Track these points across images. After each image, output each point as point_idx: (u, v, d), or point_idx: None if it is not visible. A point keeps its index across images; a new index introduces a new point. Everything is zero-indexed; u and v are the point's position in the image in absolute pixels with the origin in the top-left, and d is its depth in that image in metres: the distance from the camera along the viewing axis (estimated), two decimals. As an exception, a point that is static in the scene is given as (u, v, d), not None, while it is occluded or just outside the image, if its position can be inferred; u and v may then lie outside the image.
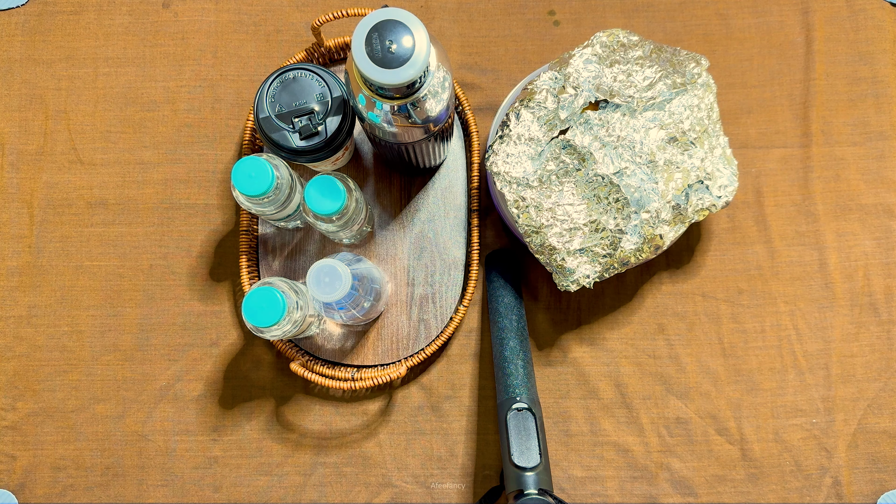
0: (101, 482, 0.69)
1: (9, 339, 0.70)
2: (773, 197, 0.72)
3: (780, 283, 0.71)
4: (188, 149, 0.73)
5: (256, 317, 0.56)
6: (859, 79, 0.73)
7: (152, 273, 0.71)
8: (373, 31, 0.48)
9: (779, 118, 0.73)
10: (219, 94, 0.73)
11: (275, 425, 0.69)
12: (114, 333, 0.70)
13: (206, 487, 0.69)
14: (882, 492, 0.68)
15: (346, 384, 0.65)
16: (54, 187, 0.72)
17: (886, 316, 0.70)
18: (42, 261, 0.71)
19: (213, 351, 0.70)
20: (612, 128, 0.62)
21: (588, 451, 0.69)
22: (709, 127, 0.63)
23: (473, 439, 0.69)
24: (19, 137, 0.73)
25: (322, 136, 0.60)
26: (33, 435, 0.69)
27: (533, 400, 0.61)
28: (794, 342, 0.70)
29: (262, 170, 0.57)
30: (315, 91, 0.60)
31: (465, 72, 0.74)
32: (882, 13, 0.73)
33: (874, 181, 0.71)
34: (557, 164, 0.63)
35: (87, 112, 0.73)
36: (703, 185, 0.63)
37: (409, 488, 0.68)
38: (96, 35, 0.74)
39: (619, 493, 0.68)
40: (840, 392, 0.69)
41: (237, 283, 0.71)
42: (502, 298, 0.66)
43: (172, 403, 0.70)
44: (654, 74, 0.63)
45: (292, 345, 0.69)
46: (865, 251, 0.71)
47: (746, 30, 0.74)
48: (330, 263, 0.56)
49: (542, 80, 0.64)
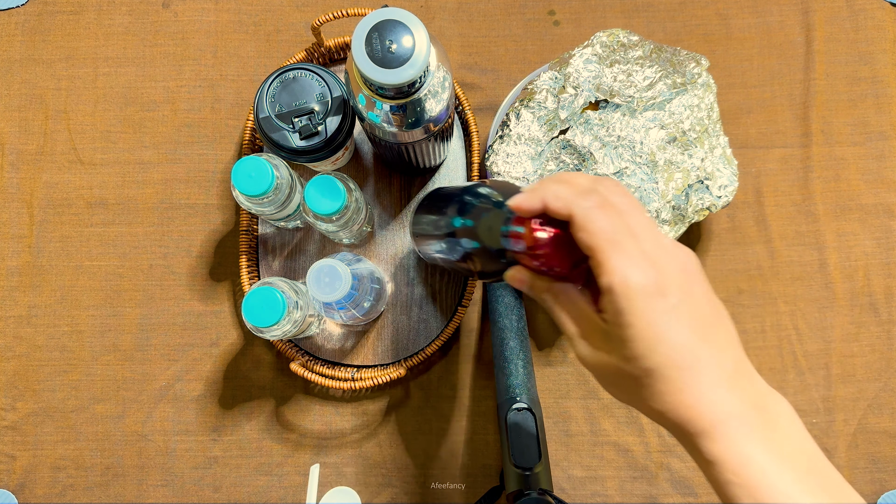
0: (101, 482, 0.69)
1: (9, 339, 0.70)
2: (774, 197, 0.72)
3: (780, 283, 0.71)
4: (188, 149, 0.73)
5: (256, 317, 0.56)
6: (859, 79, 0.73)
7: (152, 273, 0.71)
8: (373, 31, 0.48)
9: (779, 118, 0.73)
10: (219, 94, 0.73)
11: (275, 425, 0.69)
12: (114, 333, 0.70)
13: (206, 487, 0.69)
14: (882, 492, 0.68)
15: (346, 384, 0.65)
16: (54, 187, 0.72)
17: (886, 316, 0.70)
18: (42, 261, 0.71)
19: (213, 351, 0.70)
20: (613, 128, 0.62)
21: (588, 451, 0.69)
22: (709, 127, 0.63)
23: (473, 439, 0.69)
24: (19, 137, 0.73)
25: (322, 136, 0.60)
26: (33, 435, 0.69)
27: (533, 400, 0.61)
28: (795, 342, 0.70)
29: (262, 170, 0.57)
30: (315, 91, 0.60)
31: (465, 72, 0.73)
32: (882, 13, 0.73)
33: (874, 181, 0.71)
34: (557, 163, 0.63)
35: (86, 112, 0.73)
36: (703, 185, 0.63)
37: (409, 488, 0.68)
38: (96, 35, 0.74)
39: (619, 494, 0.68)
40: (840, 392, 0.69)
41: (237, 283, 0.71)
42: (502, 298, 0.66)
43: (172, 403, 0.70)
44: (655, 74, 0.63)
45: (292, 345, 0.69)
46: (865, 251, 0.71)
47: (746, 30, 0.74)
48: (330, 263, 0.56)
49: (542, 80, 0.64)
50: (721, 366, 0.36)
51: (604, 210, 0.36)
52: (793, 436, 0.36)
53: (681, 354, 0.35)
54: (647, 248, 0.35)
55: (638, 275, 0.34)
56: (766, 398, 0.37)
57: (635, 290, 0.34)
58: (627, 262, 0.35)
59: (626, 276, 0.34)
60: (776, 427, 0.36)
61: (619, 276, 0.34)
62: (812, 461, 0.36)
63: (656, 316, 0.34)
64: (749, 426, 0.35)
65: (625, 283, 0.34)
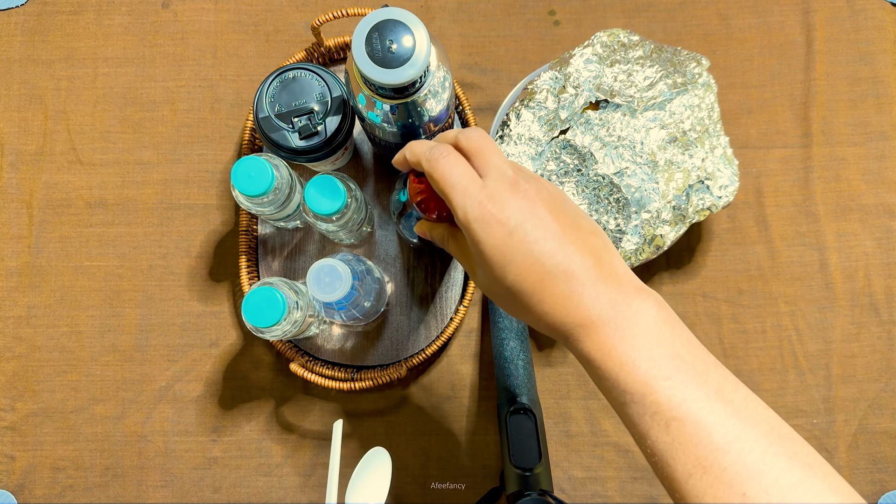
0: (101, 483, 0.69)
1: (8, 340, 0.70)
2: (774, 197, 0.72)
3: (780, 283, 0.71)
4: (188, 149, 0.73)
5: (256, 317, 0.56)
6: (860, 79, 0.73)
7: (152, 273, 0.71)
8: (373, 31, 0.48)
9: (779, 118, 0.73)
10: (218, 94, 0.73)
11: (274, 426, 0.69)
12: (113, 334, 0.70)
13: (206, 488, 0.69)
14: (883, 492, 0.68)
15: (346, 384, 0.65)
16: (53, 187, 0.72)
17: (887, 316, 0.70)
18: (41, 261, 0.71)
19: (213, 351, 0.70)
20: (613, 128, 0.62)
21: (588, 451, 0.69)
22: (709, 127, 0.63)
23: (473, 439, 0.69)
24: (18, 137, 0.73)
25: (321, 136, 0.60)
26: (32, 435, 0.69)
27: (533, 400, 0.61)
28: (795, 342, 0.70)
29: (262, 170, 0.56)
30: (315, 91, 0.60)
31: (465, 72, 0.73)
32: (883, 13, 0.73)
33: (875, 181, 0.71)
34: (558, 163, 0.63)
35: (86, 112, 0.73)
36: (703, 185, 0.63)
37: (409, 488, 0.68)
38: (96, 35, 0.74)
39: (619, 494, 0.68)
40: (841, 392, 0.69)
41: (237, 283, 0.71)
42: (502, 299, 0.66)
43: (172, 404, 0.69)
44: (655, 74, 0.62)
45: (292, 345, 0.68)
46: (866, 251, 0.71)
47: (747, 30, 0.74)
48: (330, 263, 0.56)
49: (542, 80, 0.64)
50: (581, 272, 0.39)
51: (447, 158, 0.41)
52: (652, 329, 0.38)
53: (532, 269, 0.39)
54: (489, 185, 0.40)
55: (475, 209, 0.39)
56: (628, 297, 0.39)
57: (475, 221, 0.39)
58: (466, 200, 0.40)
59: (465, 212, 0.39)
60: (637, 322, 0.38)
61: (461, 212, 0.40)
62: (671, 346, 0.38)
63: (498, 240, 0.39)
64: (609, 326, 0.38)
65: (466, 217, 0.39)
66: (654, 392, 0.37)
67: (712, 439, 0.36)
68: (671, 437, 0.36)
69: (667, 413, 0.36)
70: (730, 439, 0.36)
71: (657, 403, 0.37)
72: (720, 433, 0.36)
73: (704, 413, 0.36)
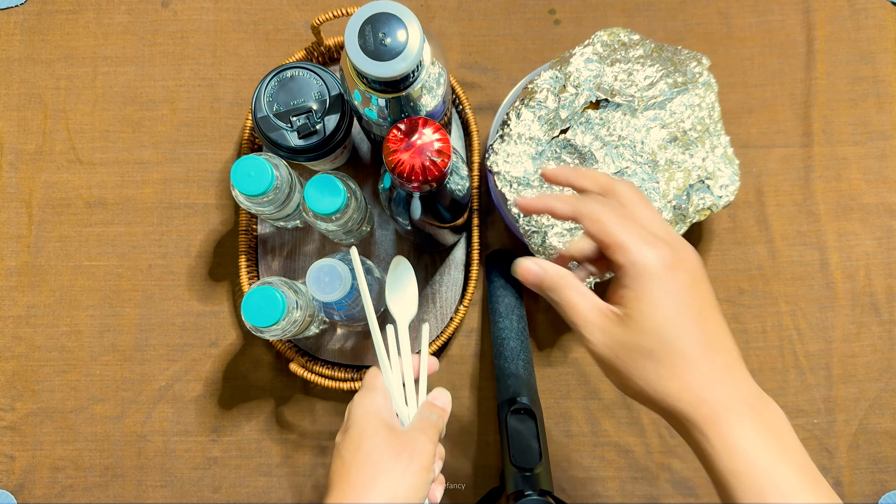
0: (100, 483, 0.69)
1: (7, 340, 0.70)
2: (775, 196, 0.71)
3: (781, 282, 0.70)
4: (187, 148, 0.72)
5: (256, 317, 0.56)
6: (860, 78, 0.73)
7: (151, 273, 0.71)
8: (366, 24, 0.48)
9: (780, 117, 0.72)
10: (218, 94, 0.73)
11: (274, 426, 0.69)
12: (112, 333, 0.70)
13: (206, 488, 0.68)
14: (883, 492, 0.67)
15: (345, 384, 0.65)
16: (53, 187, 0.72)
17: (888, 316, 0.70)
18: (41, 260, 0.71)
19: (213, 351, 0.70)
20: (613, 127, 0.61)
21: (589, 451, 0.69)
22: (710, 126, 0.63)
23: (473, 439, 0.69)
24: (18, 137, 0.73)
25: (320, 135, 0.60)
26: (32, 435, 0.69)
27: (533, 400, 0.61)
28: (796, 342, 0.70)
29: (262, 169, 0.56)
30: (313, 90, 0.60)
31: (465, 71, 0.73)
32: (883, 12, 0.73)
33: (875, 181, 0.71)
34: (558, 163, 0.63)
35: (85, 111, 0.73)
36: (704, 184, 0.63)
37: (409, 489, 0.68)
38: (95, 34, 0.74)
39: (619, 494, 0.68)
40: (841, 392, 0.69)
41: (236, 282, 0.71)
42: (503, 299, 0.66)
43: (171, 404, 0.69)
44: (655, 73, 0.62)
45: (291, 345, 0.68)
46: (867, 251, 0.70)
47: (747, 29, 0.74)
48: (330, 263, 0.56)
49: (542, 79, 0.64)
50: (718, 356, 0.36)
51: (607, 203, 0.38)
52: (786, 435, 0.36)
53: (688, 335, 0.36)
54: (656, 231, 0.37)
55: (652, 252, 0.36)
56: (759, 398, 0.37)
57: (652, 265, 0.36)
58: (640, 241, 0.36)
59: (642, 252, 0.36)
60: (770, 424, 0.36)
61: (636, 252, 0.36)
62: (806, 461, 0.36)
63: (670, 290, 0.36)
64: (745, 420, 0.35)
65: (642, 258, 0.36)
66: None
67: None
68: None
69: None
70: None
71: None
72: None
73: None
